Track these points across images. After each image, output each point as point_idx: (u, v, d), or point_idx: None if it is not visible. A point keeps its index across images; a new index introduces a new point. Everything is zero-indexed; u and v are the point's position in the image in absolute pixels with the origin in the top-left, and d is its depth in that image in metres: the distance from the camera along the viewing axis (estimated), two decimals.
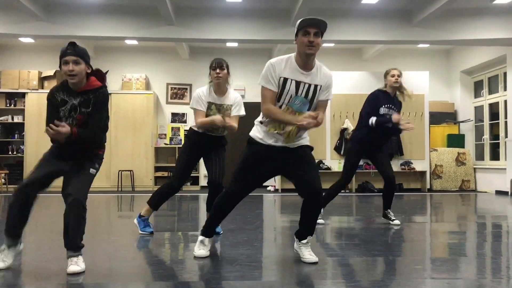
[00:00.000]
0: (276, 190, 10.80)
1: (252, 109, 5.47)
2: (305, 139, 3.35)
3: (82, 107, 3.03)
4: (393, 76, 5.08)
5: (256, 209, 6.80)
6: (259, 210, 6.51)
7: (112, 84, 11.30)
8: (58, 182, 3.09)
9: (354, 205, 8.10)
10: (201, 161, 4.50)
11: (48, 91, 3.15)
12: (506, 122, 10.33)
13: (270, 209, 7.46)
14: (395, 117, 4.95)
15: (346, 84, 10.68)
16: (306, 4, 8.12)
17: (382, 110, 5.02)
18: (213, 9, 8.97)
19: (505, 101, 10.32)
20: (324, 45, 10.97)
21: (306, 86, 3.18)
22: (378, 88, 5.25)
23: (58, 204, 6.89)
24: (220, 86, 4.34)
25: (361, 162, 10.94)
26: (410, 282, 2.89)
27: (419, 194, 10.14)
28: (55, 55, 10.62)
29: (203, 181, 11.38)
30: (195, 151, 4.44)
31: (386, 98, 5.08)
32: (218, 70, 4.28)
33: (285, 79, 3.15)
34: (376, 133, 5.06)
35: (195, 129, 4.40)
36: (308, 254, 3.35)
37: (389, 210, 5.27)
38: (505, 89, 10.38)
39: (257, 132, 3.32)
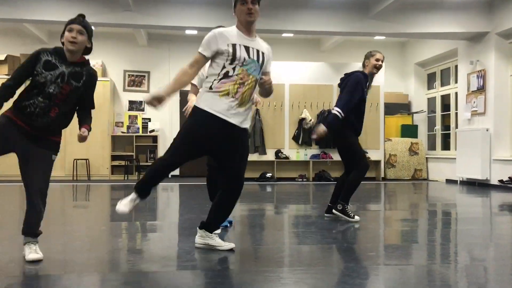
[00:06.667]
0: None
1: None
2: (249, 119, 3.35)
3: (72, 78, 3.03)
4: (378, 60, 4.78)
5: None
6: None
7: None
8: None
9: (311, 193, 8.24)
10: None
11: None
12: (456, 114, 10.72)
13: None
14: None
15: (304, 74, 10.77)
16: None
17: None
18: None
19: (456, 93, 10.70)
20: (283, 35, 11.02)
21: (255, 51, 3.25)
22: (358, 70, 4.85)
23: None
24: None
25: (318, 152, 11.16)
26: (364, 269, 2.99)
27: (374, 182, 10.41)
28: (3, 39, 10.15)
29: None
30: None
31: (366, 80, 4.77)
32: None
33: (234, 45, 3.17)
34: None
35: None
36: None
37: None
38: (456, 82, 10.75)
39: (204, 100, 3.21)
